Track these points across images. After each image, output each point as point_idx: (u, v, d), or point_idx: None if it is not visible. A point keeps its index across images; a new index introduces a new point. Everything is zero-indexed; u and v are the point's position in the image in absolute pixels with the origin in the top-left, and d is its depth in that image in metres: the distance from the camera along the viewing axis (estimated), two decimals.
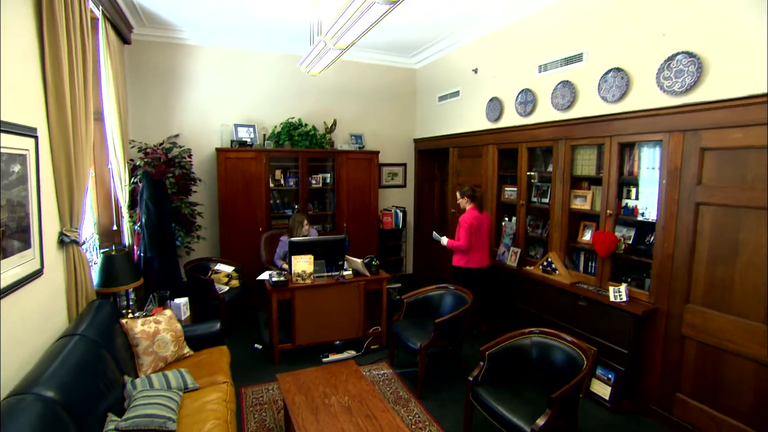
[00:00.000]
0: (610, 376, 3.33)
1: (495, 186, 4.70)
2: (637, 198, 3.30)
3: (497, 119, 4.60)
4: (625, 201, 3.37)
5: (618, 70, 3.29)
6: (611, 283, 3.43)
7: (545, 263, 3.95)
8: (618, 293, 3.27)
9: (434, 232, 4.33)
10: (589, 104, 3.55)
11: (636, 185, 3.31)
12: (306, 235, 4.51)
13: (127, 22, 4.44)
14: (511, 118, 4.42)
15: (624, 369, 3.23)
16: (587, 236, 3.73)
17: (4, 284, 2.00)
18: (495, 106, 4.61)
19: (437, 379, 3.76)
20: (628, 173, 3.34)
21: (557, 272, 3.82)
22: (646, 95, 3.12)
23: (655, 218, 3.14)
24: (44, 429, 1.72)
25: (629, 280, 3.38)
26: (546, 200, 4.11)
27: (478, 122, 4.91)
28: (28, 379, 1.96)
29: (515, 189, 4.43)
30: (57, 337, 2.49)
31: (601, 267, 3.51)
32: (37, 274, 2.32)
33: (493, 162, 4.69)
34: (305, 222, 4.57)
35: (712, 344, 2.83)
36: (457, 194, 4.18)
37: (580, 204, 3.73)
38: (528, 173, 4.27)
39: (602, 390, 3.35)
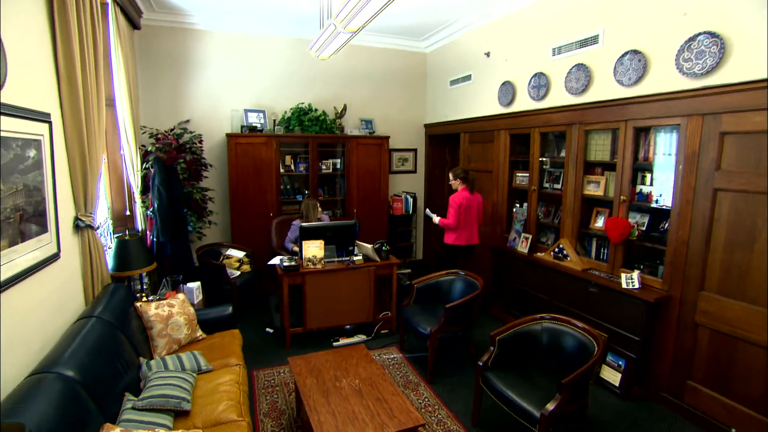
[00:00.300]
0: (620, 362, 3.32)
1: (506, 171, 4.67)
2: (651, 184, 3.25)
3: (509, 104, 4.54)
4: (639, 187, 3.32)
5: (635, 52, 3.21)
6: (623, 269, 3.40)
7: (557, 249, 3.93)
8: (630, 280, 3.25)
9: (427, 209, 4.41)
10: (604, 88, 3.48)
11: (651, 171, 3.25)
12: (319, 220, 4.52)
13: (137, 7, 4.42)
14: (523, 103, 4.36)
15: (635, 356, 3.22)
16: (600, 222, 3.69)
17: (23, 267, 2.04)
18: (507, 91, 4.54)
19: (447, 364, 3.77)
20: (643, 158, 3.28)
21: (569, 259, 3.80)
22: (664, 78, 3.04)
23: (670, 204, 3.09)
24: (65, 406, 1.77)
25: (642, 267, 3.35)
26: (558, 186, 4.07)
27: (490, 107, 4.86)
28: (49, 359, 2.01)
29: (527, 174, 4.39)
30: (75, 319, 2.54)
31: (614, 254, 3.47)
32: (54, 257, 2.36)
33: (505, 147, 4.65)
34: (319, 207, 4.59)
35: (727, 332, 2.80)
36: (450, 175, 4.35)
37: (593, 190, 3.69)
38: (540, 159, 4.22)
39: (612, 377, 3.35)
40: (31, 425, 1.55)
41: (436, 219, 4.38)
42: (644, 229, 3.32)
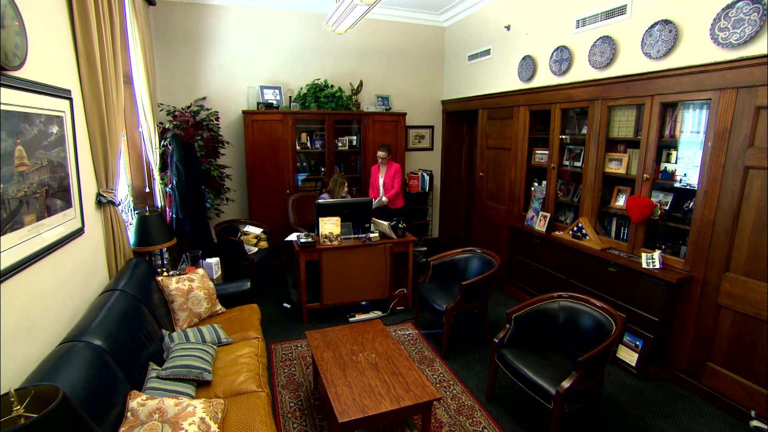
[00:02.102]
0: (638, 342, 3.30)
1: (525, 149, 4.60)
2: (676, 162, 3.15)
3: (530, 79, 4.43)
4: (663, 165, 3.22)
5: (666, 22, 3.06)
6: (644, 249, 3.34)
7: (575, 228, 3.88)
8: (651, 260, 3.19)
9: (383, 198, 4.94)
10: (631, 61, 3.35)
11: (676, 148, 3.15)
12: (344, 197, 4.58)
13: None
14: (544, 78, 4.25)
15: (653, 336, 3.19)
16: (621, 201, 3.61)
17: (50, 241, 2.09)
18: (528, 65, 4.43)
19: (462, 341, 3.79)
20: (669, 136, 3.17)
21: (588, 238, 3.75)
22: (696, 50, 2.90)
23: (696, 183, 2.99)
24: (95, 373, 1.84)
25: (663, 247, 3.28)
26: (579, 164, 4.00)
27: (510, 82, 4.76)
28: (78, 329, 2.08)
29: (546, 152, 4.32)
30: (100, 291, 2.61)
31: (634, 233, 3.41)
32: (79, 232, 2.41)
33: (524, 124, 4.57)
34: (346, 184, 4.64)
35: (752, 315, 2.74)
36: (386, 152, 4.90)
37: (615, 168, 3.61)
38: (561, 136, 4.14)
39: (629, 356, 3.34)
40: (65, 389, 1.61)
41: (384, 199, 4.88)
42: (667, 208, 3.24)
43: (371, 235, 4.11)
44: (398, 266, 4.36)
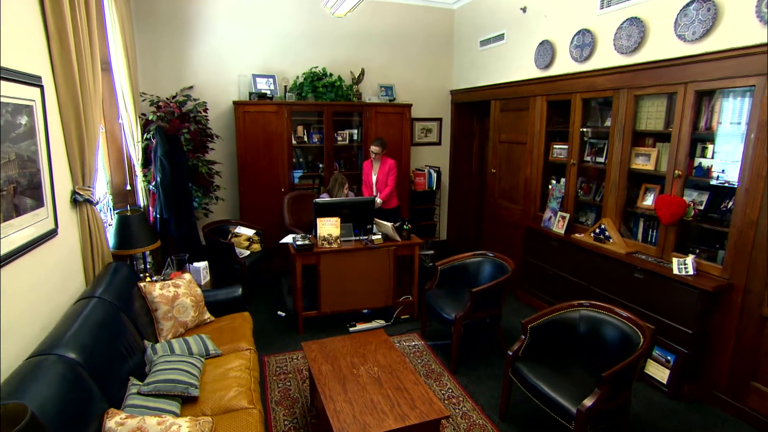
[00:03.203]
0: (669, 357, 3.25)
1: (542, 143, 4.57)
2: (712, 157, 3.10)
3: (548, 66, 4.41)
4: (697, 160, 3.17)
5: None
6: (675, 254, 3.29)
7: (598, 230, 3.85)
8: (683, 266, 3.14)
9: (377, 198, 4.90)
10: (662, 45, 3.29)
11: (713, 142, 3.10)
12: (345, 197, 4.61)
13: None
14: (564, 65, 4.23)
15: (687, 351, 3.14)
16: (649, 200, 3.57)
17: (19, 243, 2.06)
18: (546, 51, 4.40)
19: (473, 353, 3.77)
20: (704, 128, 3.11)
21: (611, 240, 3.72)
22: (738, 30, 2.82)
23: (735, 180, 2.93)
24: (67, 389, 1.80)
25: (697, 251, 3.24)
26: (601, 159, 3.97)
27: (526, 70, 4.74)
28: (50, 341, 2.05)
29: (566, 147, 4.30)
30: (75, 299, 2.58)
31: (664, 236, 3.37)
32: (52, 234, 2.38)
33: (541, 116, 4.55)
34: (347, 185, 4.66)
35: None
36: (380, 147, 4.88)
37: (643, 163, 3.57)
38: (581, 129, 4.11)
39: (659, 373, 3.29)
40: (33, 408, 1.57)
41: (378, 200, 4.88)
42: (702, 208, 3.18)
43: (373, 237, 4.10)
44: (403, 271, 4.35)
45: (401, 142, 5.69)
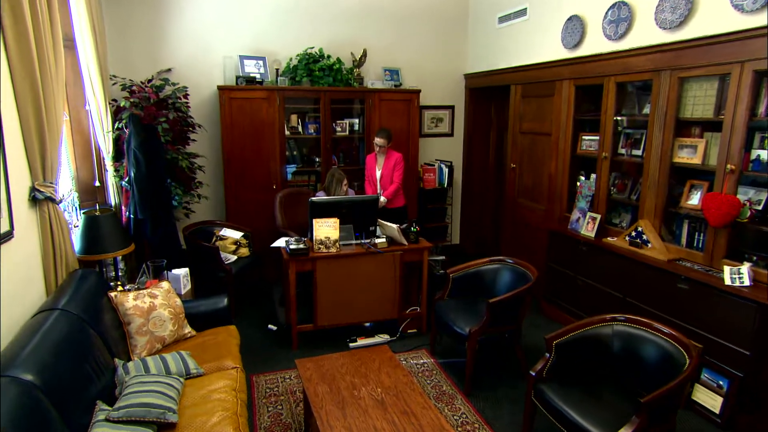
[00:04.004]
0: (721, 382, 3.19)
1: (569, 134, 4.56)
2: None
3: (576, 45, 4.40)
4: (755, 152, 3.11)
5: None
6: (727, 261, 3.24)
7: (634, 233, 3.83)
8: (737, 275, 3.09)
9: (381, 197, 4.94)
10: (714, 17, 3.23)
11: None
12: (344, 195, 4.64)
13: None
14: (595, 44, 4.21)
15: (742, 375, 3.07)
16: (694, 199, 3.53)
17: None
18: (574, 28, 4.39)
19: (490, 372, 3.77)
20: (765, 114, 3.05)
21: (650, 245, 3.70)
22: None
23: None
24: (22, 417, 1.77)
25: (754, 258, 3.18)
26: (638, 152, 3.95)
27: (550, 50, 4.73)
28: (3, 360, 2.01)
29: (596, 138, 4.29)
30: (34, 312, 2.55)
31: (713, 240, 3.33)
32: (7, 236, 2.35)
33: (569, 102, 4.54)
34: (345, 181, 4.69)
35: None
36: (385, 139, 4.90)
37: (688, 156, 3.53)
38: (615, 117, 4.09)
39: (710, 400, 3.23)
40: None
41: (382, 199, 4.93)
42: (760, 208, 3.13)
43: (377, 240, 4.10)
44: (410, 279, 4.35)
45: (408, 133, 5.68)
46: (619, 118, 4.09)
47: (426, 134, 6.25)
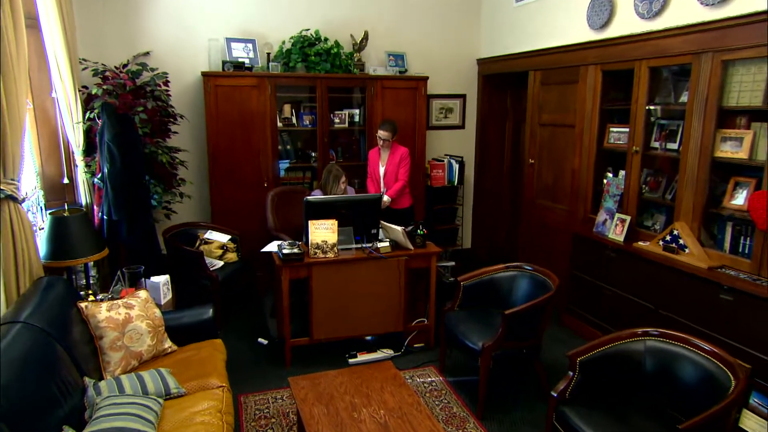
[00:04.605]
0: None
1: (595, 125, 4.55)
2: None
3: (604, 26, 4.40)
4: None
5: None
6: None
7: (668, 237, 3.80)
8: None
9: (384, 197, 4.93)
10: None
11: None
12: (342, 194, 4.66)
13: None
14: (625, 24, 4.20)
15: None
16: (739, 199, 3.49)
17: None
18: (602, 6, 4.39)
19: (506, 393, 3.77)
20: None
21: (687, 251, 3.67)
22: None
23: None
24: None
25: None
26: (674, 145, 3.92)
27: (575, 32, 4.73)
28: None
29: (626, 130, 4.28)
30: None
31: (762, 246, 3.28)
32: None
33: (594, 90, 4.53)
34: (344, 179, 4.70)
35: None
36: (390, 132, 4.89)
37: (732, 150, 3.49)
38: (647, 106, 4.06)
39: (761, 429, 3.17)
40: None
41: (386, 198, 4.92)
42: None
43: (380, 244, 4.09)
44: (416, 288, 4.37)
45: (415, 125, 5.68)
46: (652, 107, 4.07)
47: (434, 126, 6.25)
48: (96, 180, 4.09)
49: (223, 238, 4.75)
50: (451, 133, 6.37)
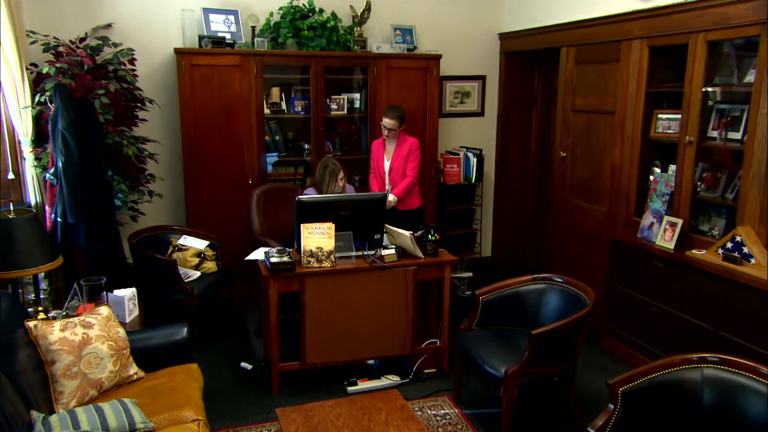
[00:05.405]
0: None
1: (640, 112, 4.51)
2: None
3: None
4: None
5: None
6: None
7: (730, 245, 3.75)
8: None
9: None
10: None
11: None
12: (340, 194, 4.68)
13: None
14: None
15: None
16: None
17: None
18: None
19: (533, 427, 3.78)
20: None
21: (753, 261, 3.61)
22: None
23: None
24: None
25: None
26: (737, 135, 3.88)
27: (616, 0, 4.66)
28: None
29: (677, 116, 4.23)
30: None
31: None
32: None
33: (639, 69, 4.48)
34: (341, 174, 4.68)
35: None
36: (396, 120, 4.91)
37: None
38: (704, 88, 4.01)
39: None
40: None
41: (391, 197, 4.94)
42: None
43: (384, 252, 4.07)
44: (427, 303, 4.40)
45: (426, 112, 5.70)
46: (710, 89, 4.02)
47: (448, 113, 6.27)
48: (48, 176, 4.08)
49: (200, 244, 4.76)
50: (468, 122, 6.40)
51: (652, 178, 4.42)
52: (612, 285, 4.63)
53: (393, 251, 4.06)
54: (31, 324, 2.90)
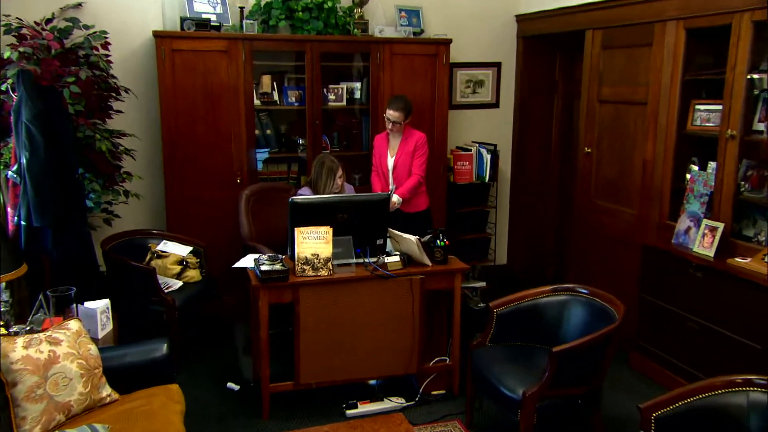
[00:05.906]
0: None
1: (675, 101, 4.47)
2: None
3: None
4: None
5: None
6: None
7: None
8: None
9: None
10: None
11: None
12: (338, 194, 4.68)
13: None
14: None
15: None
16: None
17: None
18: None
19: None
20: None
21: None
22: None
23: None
24: None
25: None
26: None
27: None
28: None
29: (718, 107, 4.20)
30: None
31: None
32: None
33: (675, 54, 4.44)
34: (340, 172, 4.69)
35: None
36: (401, 112, 4.92)
37: None
38: (749, 75, 3.96)
39: None
40: None
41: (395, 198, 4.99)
42: None
43: (387, 259, 4.05)
44: (435, 316, 4.41)
45: (434, 104, 5.73)
46: (755, 76, 3.97)
47: (459, 105, 6.30)
48: (11, 174, 4.09)
49: (182, 250, 4.76)
50: (482, 114, 6.42)
51: (688, 176, 4.42)
52: (642, 296, 4.62)
53: (397, 258, 4.04)
54: None
